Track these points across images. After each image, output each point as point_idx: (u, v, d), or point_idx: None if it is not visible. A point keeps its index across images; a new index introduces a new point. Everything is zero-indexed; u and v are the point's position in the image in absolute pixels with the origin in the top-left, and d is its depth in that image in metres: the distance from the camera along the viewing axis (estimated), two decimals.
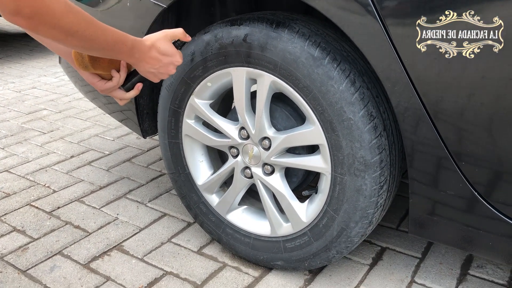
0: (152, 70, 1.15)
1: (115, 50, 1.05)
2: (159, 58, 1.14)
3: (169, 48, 1.15)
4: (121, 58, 1.09)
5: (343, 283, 1.42)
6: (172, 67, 1.17)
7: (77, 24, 0.96)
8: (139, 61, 1.12)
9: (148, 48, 1.12)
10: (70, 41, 0.97)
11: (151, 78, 1.18)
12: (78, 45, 1.00)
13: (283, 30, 1.18)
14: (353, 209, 1.22)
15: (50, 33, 0.93)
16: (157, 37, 1.14)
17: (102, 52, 1.04)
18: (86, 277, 1.46)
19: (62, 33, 0.95)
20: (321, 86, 1.15)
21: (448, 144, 1.05)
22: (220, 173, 1.46)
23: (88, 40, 0.99)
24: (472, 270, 1.47)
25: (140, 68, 1.15)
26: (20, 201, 1.91)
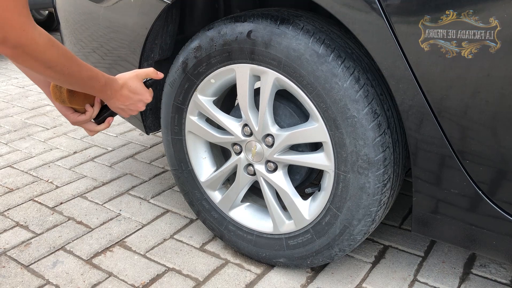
0: (122, 107, 1.24)
1: (88, 85, 1.12)
2: (129, 96, 1.23)
3: (139, 87, 1.24)
4: (93, 94, 1.17)
5: (345, 281, 1.42)
6: (141, 104, 1.27)
7: (57, 59, 1.02)
8: (111, 98, 1.20)
9: (120, 87, 1.21)
10: (48, 73, 1.03)
11: (121, 113, 1.27)
12: (56, 78, 1.06)
13: (287, 26, 1.17)
14: (356, 207, 1.22)
15: (31, 64, 0.99)
16: (129, 76, 1.23)
17: (77, 86, 1.11)
18: (88, 272, 1.47)
19: (42, 65, 1.00)
20: (325, 83, 1.14)
21: (453, 142, 1.05)
22: (223, 170, 1.46)
23: (65, 75, 1.06)
24: (475, 269, 1.47)
25: (111, 104, 1.23)
26: (23, 196, 1.91)
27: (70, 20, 1.78)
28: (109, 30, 1.59)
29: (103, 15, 1.58)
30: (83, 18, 1.69)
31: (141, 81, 1.26)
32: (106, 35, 1.61)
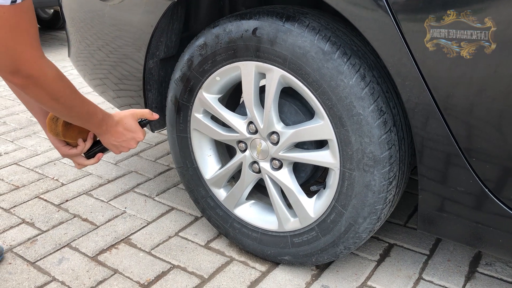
0: (115, 143, 1.28)
1: (87, 119, 1.17)
2: (123, 133, 1.27)
3: (134, 125, 1.28)
4: (89, 127, 1.21)
5: (350, 279, 1.42)
6: (134, 142, 1.30)
7: (62, 91, 1.06)
8: (105, 133, 1.24)
9: (115, 123, 1.25)
10: (52, 104, 1.07)
11: (113, 149, 1.30)
12: (58, 110, 1.10)
13: (293, 24, 1.17)
14: (362, 204, 1.22)
15: (38, 94, 1.03)
16: (125, 114, 1.28)
17: (76, 119, 1.16)
18: (94, 269, 1.47)
19: (48, 97, 1.05)
20: (330, 81, 1.14)
21: (459, 140, 1.04)
22: (228, 168, 1.46)
23: (68, 107, 1.10)
24: (480, 267, 1.46)
25: (104, 139, 1.27)
26: (29, 193, 1.92)
27: (76, 19, 1.79)
28: (114, 28, 1.59)
29: (108, 13, 1.58)
30: (88, 16, 1.70)
31: (136, 120, 1.30)
32: (112, 33, 1.61)
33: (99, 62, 1.75)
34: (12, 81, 1.00)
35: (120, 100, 1.80)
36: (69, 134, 1.24)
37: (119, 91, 1.74)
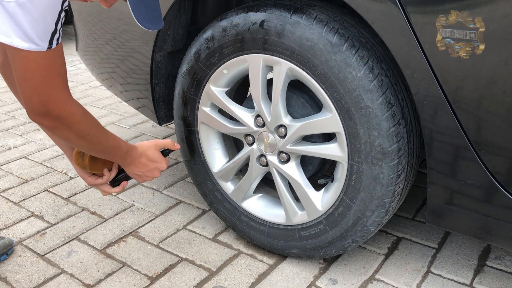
0: (139, 173, 1.31)
1: (112, 153, 1.21)
2: (147, 164, 1.30)
3: (157, 156, 1.31)
4: (114, 160, 1.25)
5: (358, 272, 1.42)
6: (157, 172, 1.33)
7: (89, 129, 1.11)
8: (129, 164, 1.28)
9: (139, 155, 1.28)
10: (79, 142, 1.11)
11: (137, 179, 1.33)
12: (85, 147, 1.15)
13: (300, 16, 1.16)
14: (370, 198, 1.21)
15: (67, 134, 1.08)
16: (148, 145, 1.31)
17: (102, 154, 1.20)
18: (102, 262, 1.48)
19: (76, 135, 1.09)
20: (338, 73, 1.13)
21: (469, 132, 1.03)
22: (236, 161, 1.46)
23: (94, 144, 1.14)
24: (489, 261, 1.46)
25: (129, 170, 1.30)
26: (38, 187, 1.94)
27: (83, 13, 1.79)
28: (121, 22, 1.59)
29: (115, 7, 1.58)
30: (96, 10, 1.70)
31: (159, 150, 1.33)
32: (119, 27, 1.61)
33: (106, 56, 1.75)
34: (41, 123, 1.04)
35: (127, 94, 1.80)
36: (95, 166, 1.27)
37: (127, 85, 1.74)
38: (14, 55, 0.94)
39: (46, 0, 0.88)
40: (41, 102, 1.00)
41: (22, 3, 0.85)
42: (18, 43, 0.89)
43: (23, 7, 0.86)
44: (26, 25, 0.88)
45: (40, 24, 0.90)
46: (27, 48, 0.90)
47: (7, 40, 0.89)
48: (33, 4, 0.86)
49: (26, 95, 1.00)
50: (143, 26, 1.03)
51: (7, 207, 1.79)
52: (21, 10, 0.86)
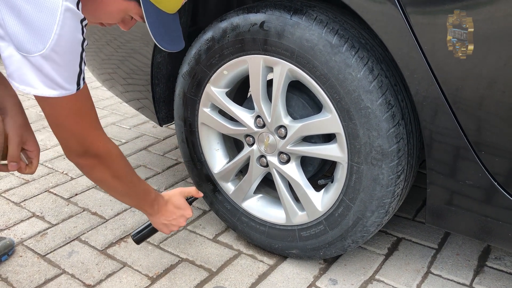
0: (165, 222, 1.31)
1: (143, 198, 1.22)
2: (173, 211, 1.31)
3: (182, 203, 1.33)
4: (143, 207, 1.26)
5: (358, 272, 1.42)
6: (183, 220, 1.34)
7: (124, 168, 1.13)
8: (156, 212, 1.29)
9: (165, 202, 1.30)
10: (114, 184, 1.13)
11: (163, 229, 1.34)
12: (119, 189, 1.15)
13: (300, 17, 1.16)
14: (370, 198, 1.21)
15: (103, 174, 1.09)
16: (174, 193, 1.33)
17: (133, 198, 1.22)
18: (103, 262, 1.48)
19: (111, 175, 1.10)
20: (338, 74, 1.14)
21: (468, 133, 1.04)
22: (236, 162, 1.47)
23: (129, 185, 1.16)
24: (489, 261, 1.46)
25: (155, 219, 1.31)
26: (39, 187, 1.94)
27: None
28: None
29: None
30: None
31: (184, 197, 1.35)
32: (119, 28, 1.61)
33: (107, 57, 1.75)
34: (82, 163, 1.06)
35: (128, 95, 1.81)
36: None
37: (127, 86, 1.75)
38: (44, 103, 0.95)
39: (68, 46, 0.88)
40: (78, 143, 1.01)
41: (46, 54, 0.85)
42: (47, 92, 0.89)
43: (47, 57, 0.86)
44: (53, 74, 0.88)
45: (66, 69, 0.90)
46: (58, 95, 0.91)
47: (35, 91, 0.89)
48: (56, 53, 0.86)
49: (62, 139, 1.02)
50: (163, 48, 1.03)
51: (8, 208, 1.79)
52: (46, 61, 0.86)
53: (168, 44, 1.04)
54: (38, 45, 0.84)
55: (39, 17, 0.84)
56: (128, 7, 1.01)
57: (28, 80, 0.87)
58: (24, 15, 0.83)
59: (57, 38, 0.85)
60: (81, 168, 1.09)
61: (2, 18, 0.84)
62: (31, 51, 0.85)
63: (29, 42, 0.84)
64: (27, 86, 0.88)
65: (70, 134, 1.00)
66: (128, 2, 1.00)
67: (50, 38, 0.85)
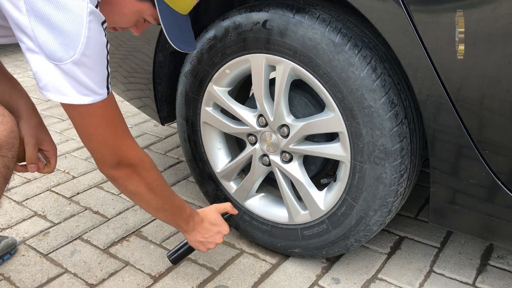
0: (202, 239, 1.28)
1: (178, 213, 1.20)
2: (209, 228, 1.28)
3: (218, 219, 1.30)
4: (178, 223, 1.23)
5: (360, 271, 1.42)
6: (219, 236, 1.31)
7: (158, 179, 1.11)
8: (192, 230, 1.26)
9: (201, 219, 1.27)
10: (149, 197, 1.11)
11: (200, 247, 1.30)
12: (153, 203, 1.13)
13: (303, 16, 1.16)
14: (373, 197, 1.21)
15: (137, 185, 1.07)
16: (209, 210, 1.31)
17: (167, 214, 1.19)
18: (105, 261, 1.48)
19: (146, 187, 1.08)
20: (341, 73, 1.13)
21: (471, 132, 1.03)
22: (238, 161, 1.46)
23: (162, 198, 1.13)
24: (492, 260, 1.46)
25: (191, 237, 1.28)
26: (40, 186, 1.94)
27: None
28: None
29: None
30: None
31: (220, 214, 1.32)
32: None
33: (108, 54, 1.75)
34: (116, 175, 1.04)
35: (129, 93, 1.81)
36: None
37: (129, 84, 1.74)
38: (74, 113, 0.94)
39: (96, 49, 0.88)
40: (111, 153, 1.00)
41: (78, 59, 0.85)
42: (81, 100, 0.89)
43: (79, 63, 0.86)
44: (85, 79, 0.88)
45: (96, 73, 0.90)
46: (92, 101, 0.90)
47: (71, 100, 0.89)
48: (87, 57, 0.86)
49: (95, 150, 1.00)
50: (178, 48, 1.02)
51: (10, 207, 1.79)
52: (77, 67, 0.86)
53: (183, 45, 1.03)
54: (69, 51, 0.84)
55: (68, 22, 0.84)
56: (142, 8, 1.00)
57: (62, 90, 0.87)
58: (53, 22, 0.83)
59: (86, 41, 0.85)
60: (116, 180, 1.07)
61: (32, 30, 0.83)
62: (62, 59, 0.85)
63: (60, 49, 0.84)
64: (62, 96, 0.88)
65: (103, 143, 0.99)
66: (142, 3, 0.99)
67: (80, 42, 0.85)
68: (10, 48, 4.49)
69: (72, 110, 0.94)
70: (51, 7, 0.83)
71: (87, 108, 0.92)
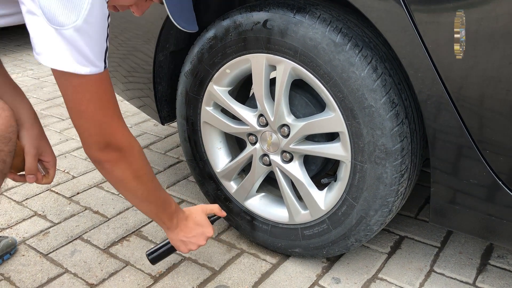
0: (184, 239, 1.24)
1: (162, 207, 1.15)
2: (193, 228, 1.24)
3: (203, 220, 1.26)
4: (162, 218, 1.18)
5: (361, 271, 1.42)
6: (203, 238, 1.26)
7: (145, 168, 1.06)
8: (175, 227, 1.21)
9: (186, 217, 1.23)
10: (134, 185, 1.05)
11: (181, 247, 1.26)
12: (138, 192, 1.08)
13: (304, 15, 1.16)
14: (373, 197, 1.21)
15: (124, 171, 1.02)
16: (195, 209, 1.26)
17: (152, 206, 1.14)
18: (106, 261, 1.48)
19: (132, 174, 1.03)
20: (342, 73, 1.13)
21: (472, 132, 1.03)
22: (238, 160, 1.46)
23: (147, 188, 1.09)
24: (492, 260, 1.46)
25: (173, 235, 1.24)
26: (40, 186, 1.94)
27: None
28: (123, 20, 1.59)
29: None
30: None
31: (206, 215, 1.28)
32: (121, 25, 1.61)
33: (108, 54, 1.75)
34: (102, 159, 0.99)
35: (129, 93, 1.80)
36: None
37: (129, 84, 1.74)
38: (66, 85, 0.89)
39: (99, 18, 0.85)
40: (100, 133, 0.95)
41: (80, 26, 0.82)
42: (78, 69, 0.85)
43: (80, 30, 0.82)
44: (85, 48, 0.84)
45: (96, 43, 0.86)
46: (88, 72, 0.86)
47: (68, 68, 0.84)
48: (89, 24, 0.83)
49: (84, 129, 0.95)
50: (180, 26, 0.99)
51: (10, 207, 1.79)
52: (79, 34, 0.82)
53: (185, 23, 1.00)
54: (71, 16, 0.80)
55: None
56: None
57: (59, 56, 0.83)
58: None
59: (90, 7, 0.81)
60: (102, 165, 1.01)
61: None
62: (64, 24, 0.81)
63: (63, 13, 0.80)
64: (58, 63, 0.84)
65: (92, 122, 0.93)
66: None
67: (83, 8, 0.81)
68: (10, 48, 4.49)
69: (65, 81, 0.89)
70: None
71: (81, 80, 0.88)
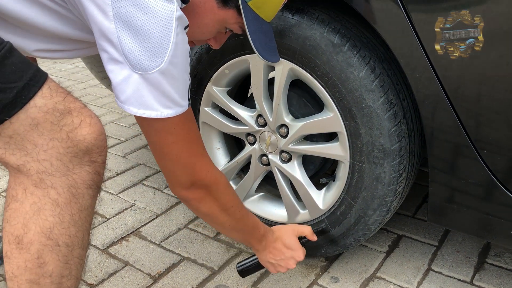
0: (273, 261, 1.17)
1: (250, 233, 1.11)
2: (282, 251, 1.16)
3: (294, 243, 1.17)
4: (250, 242, 1.14)
5: (359, 270, 1.43)
6: (293, 262, 1.18)
7: (232, 200, 1.02)
8: (264, 249, 1.16)
9: (275, 239, 1.16)
10: (222, 218, 1.02)
11: (270, 268, 1.20)
12: (226, 224, 1.04)
13: (302, 16, 1.17)
14: (372, 196, 1.22)
15: (210, 207, 0.99)
16: (285, 230, 1.18)
17: (240, 234, 1.10)
18: (105, 262, 1.49)
19: (219, 208, 1.00)
20: (340, 73, 1.14)
21: (470, 131, 1.04)
22: (237, 161, 1.47)
23: (235, 219, 1.05)
24: (489, 258, 1.47)
25: (262, 256, 1.18)
26: None
27: None
28: None
29: None
30: None
31: (297, 237, 1.20)
32: None
33: None
34: (189, 197, 0.96)
35: None
36: None
37: None
38: (148, 130, 0.86)
39: (182, 57, 0.82)
40: (185, 174, 0.92)
41: (164, 68, 0.78)
42: (163, 113, 0.81)
43: (165, 72, 0.79)
44: (169, 90, 0.81)
45: (181, 83, 0.83)
46: (173, 114, 0.82)
47: (154, 114, 0.81)
48: (173, 65, 0.80)
49: (168, 169, 0.92)
50: (264, 58, 0.97)
51: None
52: (163, 76, 0.79)
53: (268, 55, 0.97)
54: (156, 60, 0.78)
55: (156, 28, 0.77)
56: (226, 16, 0.93)
57: (147, 102, 0.80)
58: (141, 28, 0.76)
59: (174, 48, 0.78)
60: (188, 202, 0.99)
61: (117, 36, 0.77)
62: (149, 68, 0.78)
63: (147, 58, 0.77)
64: (146, 109, 0.80)
65: (178, 163, 0.91)
66: (226, 11, 0.92)
67: (168, 49, 0.78)
68: None
69: (146, 125, 0.85)
70: (139, 11, 0.76)
71: (164, 123, 0.84)
